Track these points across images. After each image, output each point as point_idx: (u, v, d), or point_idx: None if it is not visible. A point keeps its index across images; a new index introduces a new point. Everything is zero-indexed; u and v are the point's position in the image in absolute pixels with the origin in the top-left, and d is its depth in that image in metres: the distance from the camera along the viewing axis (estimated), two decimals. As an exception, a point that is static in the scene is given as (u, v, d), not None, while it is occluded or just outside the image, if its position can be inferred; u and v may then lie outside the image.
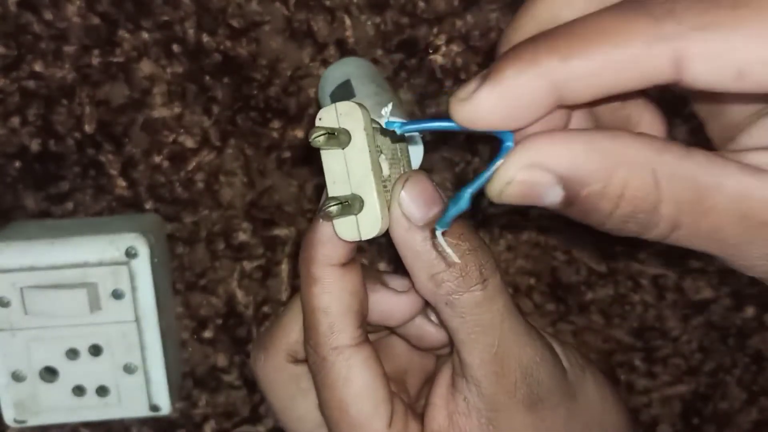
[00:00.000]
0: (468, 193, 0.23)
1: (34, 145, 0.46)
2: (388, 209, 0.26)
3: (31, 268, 0.42)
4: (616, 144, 0.21)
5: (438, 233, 0.23)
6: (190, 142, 0.46)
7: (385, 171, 0.26)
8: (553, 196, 0.22)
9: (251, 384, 0.51)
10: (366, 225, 0.25)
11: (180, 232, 0.48)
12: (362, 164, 0.25)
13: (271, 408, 0.31)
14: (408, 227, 0.26)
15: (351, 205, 0.25)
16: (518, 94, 0.21)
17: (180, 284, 0.49)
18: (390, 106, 0.24)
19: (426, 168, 0.48)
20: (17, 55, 0.44)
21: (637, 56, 0.20)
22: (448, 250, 0.24)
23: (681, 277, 0.50)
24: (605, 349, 0.52)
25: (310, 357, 0.28)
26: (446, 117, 0.23)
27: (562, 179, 0.21)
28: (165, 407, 0.45)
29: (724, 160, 0.21)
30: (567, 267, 0.50)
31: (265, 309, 0.50)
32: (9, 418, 0.45)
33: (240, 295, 0.49)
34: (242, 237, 0.48)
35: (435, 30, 0.45)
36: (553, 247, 0.50)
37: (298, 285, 0.49)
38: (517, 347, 0.27)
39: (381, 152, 0.26)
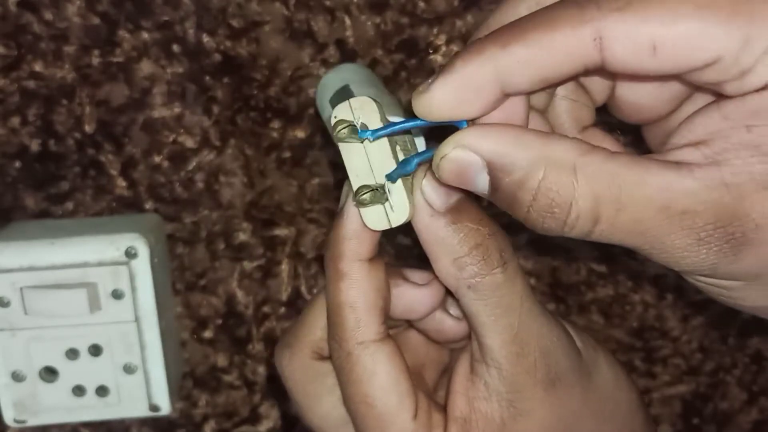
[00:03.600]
0: (415, 160, 0.25)
1: (34, 145, 0.46)
2: (414, 194, 0.27)
3: (31, 268, 0.42)
4: (542, 140, 0.23)
5: (389, 189, 0.26)
6: (190, 142, 0.46)
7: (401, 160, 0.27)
8: (481, 182, 0.24)
9: (251, 384, 0.51)
10: (395, 212, 0.26)
11: (180, 232, 0.48)
12: (383, 154, 0.26)
13: (296, 406, 0.32)
14: (431, 213, 0.27)
15: (379, 193, 0.26)
16: (466, 82, 0.24)
17: (180, 284, 0.49)
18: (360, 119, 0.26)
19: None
20: (17, 55, 0.44)
21: (564, 40, 0.22)
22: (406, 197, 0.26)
23: (681, 277, 0.50)
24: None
25: (335, 352, 0.29)
26: (414, 116, 0.25)
27: (487, 164, 0.23)
28: (165, 407, 0.45)
29: (647, 159, 0.23)
30: (567, 267, 0.50)
31: (265, 309, 0.50)
32: (9, 418, 0.45)
33: (240, 295, 0.49)
34: (242, 237, 0.48)
35: (435, 30, 0.45)
36: (553, 247, 0.50)
37: (298, 285, 0.49)
38: (536, 328, 0.28)
39: (396, 143, 0.27)
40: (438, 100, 0.24)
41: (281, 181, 0.47)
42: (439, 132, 0.26)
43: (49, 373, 0.44)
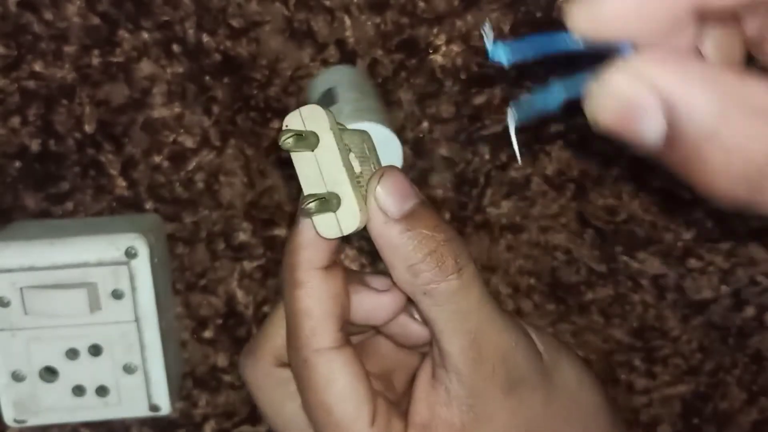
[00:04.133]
0: (561, 92, 0.20)
1: (34, 145, 0.46)
2: (367, 202, 0.26)
3: (31, 268, 0.42)
4: (739, 80, 0.18)
5: (510, 125, 0.21)
6: (190, 142, 0.46)
7: (356, 168, 0.27)
8: (652, 127, 0.18)
9: (251, 384, 0.51)
10: (345, 220, 0.26)
11: (180, 232, 0.48)
12: (333, 162, 0.26)
13: (261, 411, 0.32)
14: (385, 221, 0.26)
15: (329, 201, 0.25)
16: None
17: (180, 284, 0.49)
18: (487, 26, 0.21)
19: (426, 168, 0.48)
20: (17, 55, 0.44)
21: None
22: (516, 148, 0.25)
23: (681, 277, 0.50)
24: (605, 349, 0.52)
25: (293, 360, 0.29)
26: (555, 33, 0.19)
27: (667, 104, 0.18)
28: (165, 407, 0.45)
29: None
30: (567, 267, 0.50)
31: (265, 309, 0.50)
32: (9, 418, 0.45)
33: (240, 295, 0.49)
34: (242, 237, 0.48)
35: (435, 30, 0.45)
36: (553, 247, 0.50)
37: (298, 285, 0.49)
38: (494, 333, 0.28)
39: (350, 150, 0.27)
40: (611, 12, 0.18)
41: (281, 181, 0.47)
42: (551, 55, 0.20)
43: (49, 373, 0.44)
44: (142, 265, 0.43)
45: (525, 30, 0.46)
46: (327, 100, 0.41)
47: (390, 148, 0.37)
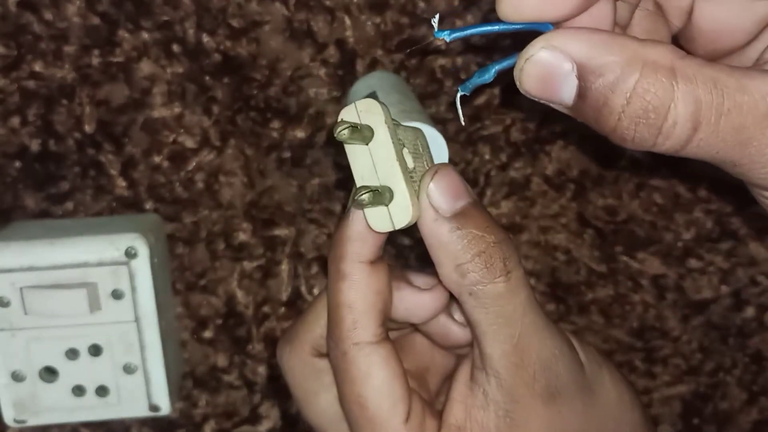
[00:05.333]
0: (494, 68, 0.25)
1: (34, 145, 0.46)
2: (419, 198, 0.26)
3: (31, 268, 0.42)
4: (637, 42, 0.21)
5: (457, 97, 0.25)
6: (190, 142, 0.46)
7: (410, 163, 0.27)
8: (568, 89, 0.22)
9: (251, 384, 0.51)
10: (397, 214, 0.26)
11: (180, 232, 0.48)
12: (387, 156, 0.26)
13: (295, 400, 0.32)
14: (435, 218, 0.26)
15: (381, 194, 0.25)
16: None
17: (180, 284, 0.49)
18: (437, 16, 0.25)
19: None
20: (17, 55, 0.44)
21: None
22: (460, 113, 0.26)
23: (681, 277, 0.50)
24: (605, 349, 0.52)
25: (332, 351, 0.29)
26: (492, 21, 0.24)
27: (577, 66, 0.22)
28: (165, 407, 0.45)
29: (746, 68, 0.21)
30: (567, 267, 0.50)
31: (265, 309, 0.50)
32: (9, 418, 0.45)
33: (240, 295, 0.49)
34: (242, 237, 0.48)
35: (435, 30, 0.45)
36: (553, 247, 0.50)
37: (298, 285, 0.49)
38: (537, 340, 0.27)
39: (404, 146, 0.27)
40: None
41: (281, 181, 0.47)
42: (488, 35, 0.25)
43: (49, 373, 0.44)
44: (142, 265, 0.43)
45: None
46: None
47: (436, 149, 0.36)
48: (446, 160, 0.36)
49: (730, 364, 0.52)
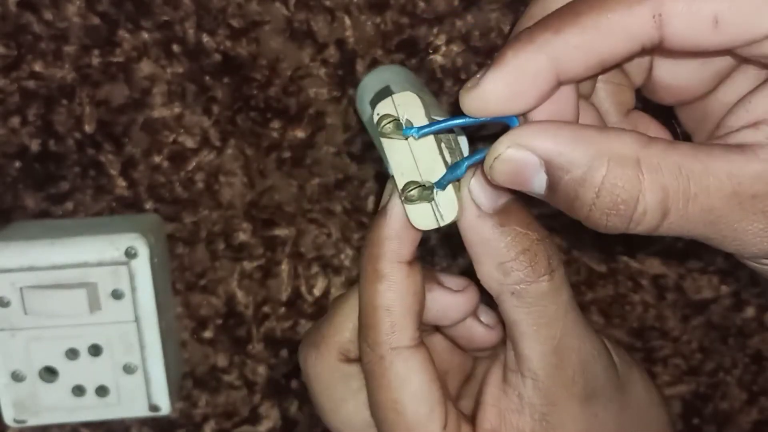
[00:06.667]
0: (465, 163, 0.25)
1: (34, 145, 0.46)
2: (461, 193, 0.26)
3: (31, 268, 0.42)
4: (602, 135, 0.22)
5: (435, 192, 0.25)
6: (190, 142, 0.46)
7: (447, 158, 0.26)
8: (538, 182, 0.23)
9: (251, 384, 0.51)
10: (444, 209, 0.25)
11: (180, 232, 0.48)
12: (429, 151, 0.25)
13: (318, 407, 0.31)
14: (478, 214, 0.26)
15: (428, 190, 0.25)
16: (519, 73, 0.23)
17: (180, 284, 0.49)
18: (405, 119, 0.25)
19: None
20: (17, 55, 0.44)
21: (622, 20, 0.22)
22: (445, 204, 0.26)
23: (681, 277, 0.50)
24: (605, 349, 0.52)
25: (366, 356, 0.28)
26: (461, 114, 0.24)
27: (545, 163, 0.22)
28: (165, 407, 0.45)
29: (709, 146, 0.22)
30: (567, 267, 0.50)
31: (265, 309, 0.50)
32: (9, 418, 0.45)
33: (240, 295, 0.49)
34: (242, 237, 0.48)
35: (435, 30, 0.45)
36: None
37: (298, 285, 0.49)
38: (577, 340, 0.27)
39: (441, 140, 0.26)
40: (490, 93, 0.23)
41: (281, 181, 0.47)
42: (482, 131, 0.25)
43: (49, 373, 0.44)
44: (142, 265, 0.43)
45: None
46: (384, 97, 0.40)
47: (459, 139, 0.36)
48: (467, 148, 0.35)
49: (730, 364, 0.52)
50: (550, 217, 0.49)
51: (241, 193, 0.47)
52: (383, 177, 0.47)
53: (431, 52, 0.46)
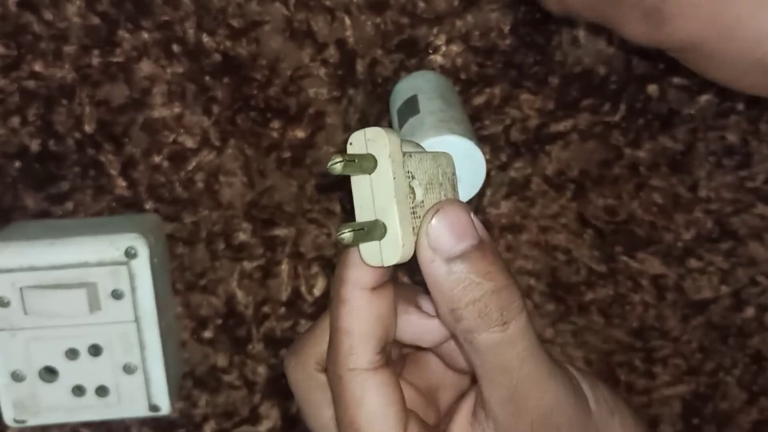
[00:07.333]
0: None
1: (34, 145, 0.46)
2: (418, 236, 0.25)
3: (31, 268, 0.42)
4: None
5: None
6: (190, 142, 0.46)
7: (419, 197, 0.26)
8: None
9: (251, 384, 0.51)
10: (387, 251, 0.25)
11: (180, 232, 0.48)
12: (385, 190, 0.25)
13: (300, 410, 0.32)
14: (432, 258, 0.25)
15: (371, 231, 0.25)
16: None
17: (180, 284, 0.49)
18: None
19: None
20: (17, 55, 0.44)
21: None
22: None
23: (681, 277, 0.50)
24: (605, 349, 0.52)
25: (329, 373, 0.28)
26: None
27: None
28: (165, 407, 0.45)
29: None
30: (567, 267, 0.50)
31: (265, 309, 0.50)
32: (9, 418, 0.45)
33: (240, 295, 0.49)
34: (242, 237, 0.48)
35: (435, 30, 0.45)
36: (553, 247, 0.50)
37: (298, 285, 0.49)
38: (536, 390, 0.26)
39: (413, 177, 0.26)
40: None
41: (281, 181, 0.47)
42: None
43: (49, 373, 0.44)
44: (142, 265, 0.43)
45: (525, 29, 0.46)
46: (409, 109, 0.40)
47: (472, 163, 0.35)
48: (483, 176, 0.33)
49: (730, 364, 0.52)
50: (551, 217, 0.49)
51: (241, 193, 0.47)
52: (383, 177, 0.47)
53: (431, 52, 0.46)
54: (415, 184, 0.26)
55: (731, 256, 0.50)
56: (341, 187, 0.47)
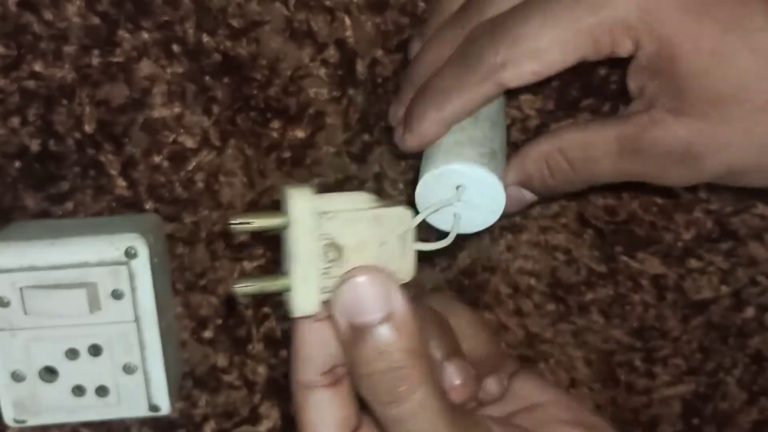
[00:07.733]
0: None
1: (34, 145, 0.46)
2: (333, 295, 0.27)
3: (31, 268, 0.42)
4: None
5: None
6: (190, 142, 0.46)
7: (344, 256, 0.26)
8: None
9: (251, 384, 0.51)
10: (290, 304, 0.27)
11: (180, 232, 0.48)
12: (291, 248, 0.26)
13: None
14: (338, 320, 0.26)
15: (277, 282, 0.27)
16: None
17: (180, 284, 0.49)
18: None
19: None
20: (17, 55, 0.44)
21: None
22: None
23: (681, 277, 0.50)
24: (605, 349, 0.52)
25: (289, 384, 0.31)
26: None
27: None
28: (165, 407, 0.45)
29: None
30: (567, 267, 0.50)
31: (265, 309, 0.50)
32: (9, 418, 0.45)
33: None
34: (242, 237, 0.48)
35: (435, 30, 0.45)
36: (553, 247, 0.50)
37: (298, 285, 0.49)
38: None
39: (328, 240, 0.26)
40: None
41: (281, 181, 0.47)
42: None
43: (49, 373, 0.44)
44: (142, 265, 0.43)
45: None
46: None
47: (487, 193, 0.32)
48: (499, 209, 0.32)
49: (730, 364, 0.52)
50: (551, 217, 0.49)
51: (241, 193, 0.47)
52: (383, 177, 0.47)
53: (431, 52, 0.46)
54: (340, 242, 0.26)
55: (731, 256, 0.50)
56: (341, 187, 0.47)
